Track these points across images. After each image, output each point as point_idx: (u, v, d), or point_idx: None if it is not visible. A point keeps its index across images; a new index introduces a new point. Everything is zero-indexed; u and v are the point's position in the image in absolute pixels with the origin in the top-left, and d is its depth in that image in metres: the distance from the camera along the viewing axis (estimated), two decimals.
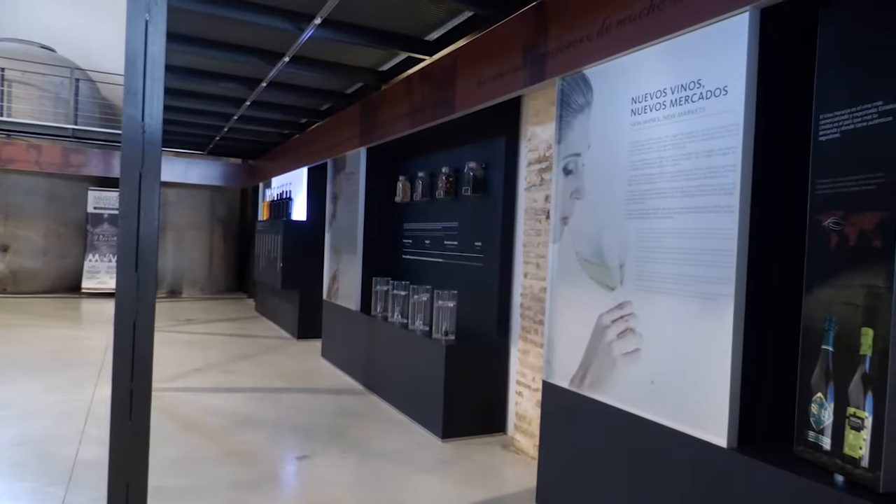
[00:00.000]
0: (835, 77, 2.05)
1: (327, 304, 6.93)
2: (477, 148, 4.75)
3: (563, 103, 3.20)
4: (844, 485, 1.90)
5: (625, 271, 2.73)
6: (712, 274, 2.30)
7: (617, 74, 2.85)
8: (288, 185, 8.96)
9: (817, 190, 2.08)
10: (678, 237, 2.47)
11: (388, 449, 4.05)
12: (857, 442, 1.88)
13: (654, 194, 2.60)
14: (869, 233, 1.87)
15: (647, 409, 2.56)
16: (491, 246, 4.51)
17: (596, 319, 2.88)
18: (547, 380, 3.20)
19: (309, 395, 5.38)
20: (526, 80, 3.51)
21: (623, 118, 2.79)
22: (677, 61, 2.53)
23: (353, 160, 6.28)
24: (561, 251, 3.16)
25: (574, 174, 3.09)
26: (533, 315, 3.98)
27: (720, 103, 2.32)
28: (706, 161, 2.37)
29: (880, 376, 1.81)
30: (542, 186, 3.95)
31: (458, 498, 3.32)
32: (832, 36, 2.07)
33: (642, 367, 2.60)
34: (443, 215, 5.27)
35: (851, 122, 1.96)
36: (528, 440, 3.97)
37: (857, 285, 1.90)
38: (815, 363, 2.04)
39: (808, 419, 2.06)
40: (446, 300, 4.49)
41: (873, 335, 1.84)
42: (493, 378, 4.38)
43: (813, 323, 2.06)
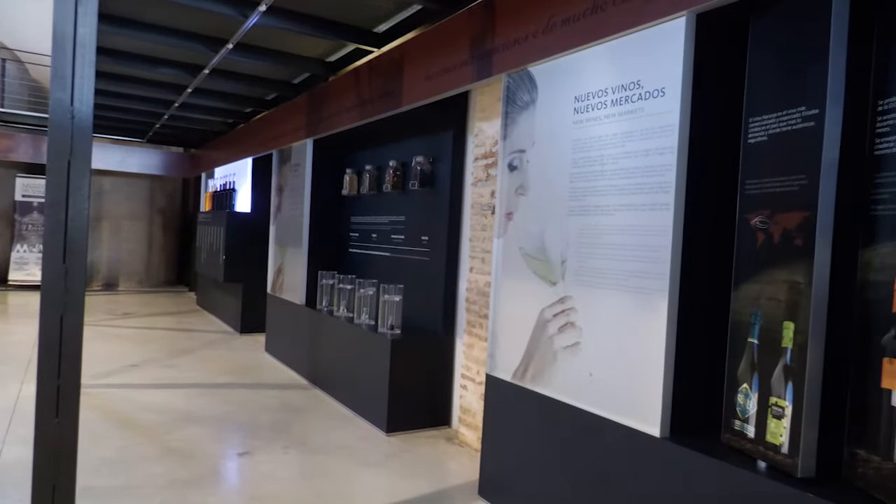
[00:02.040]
0: (763, 82, 2.14)
1: (271, 298, 6.81)
2: (425, 142, 4.75)
3: (509, 100, 3.23)
4: (766, 470, 2.00)
5: (566, 267, 2.79)
6: (648, 270, 2.38)
7: (561, 73, 2.90)
8: (231, 175, 8.73)
9: (746, 190, 2.17)
10: (617, 234, 2.54)
11: (332, 444, 4.02)
12: (778, 430, 1.98)
13: (595, 192, 2.67)
14: (792, 231, 1.97)
15: (586, 401, 2.63)
16: (437, 240, 4.53)
17: (538, 314, 2.93)
18: (490, 373, 3.24)
19: (252, 390, 5.28)
20: (473, 76, 3.53)
21: (566, 116, 2.84)
22: (618, 62, 2.59)
23: (299, 152, 6.18)
24: (505, 246, 3.20)
25: (519, 170, 3.13)
26: (478, 309, 4.02)
27: (658, 104, 2.39)
28: (644, 160, 2.44)
29: (800, 367, 1.91)
30: (489, 182, 3.98)
31: (401, 491, 3.33)
32: (762, 43, 2.17)
33: (582, 360, 2.67)
34: (390, 209, 5.25)
35: (778, 125, 2.06)
36: (472, 433, 4.01)
37: (781, 281, 2.00)
38: (742, 355, 2.14)
39: (735, 408, 2.16)
40: (392, 294, 4.48)
41: (794, 328, 1.94)
42: (439, 372, 4.41)
43: (740, 317, 2.16)
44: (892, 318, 1.73)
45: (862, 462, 1.82)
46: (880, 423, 1.75)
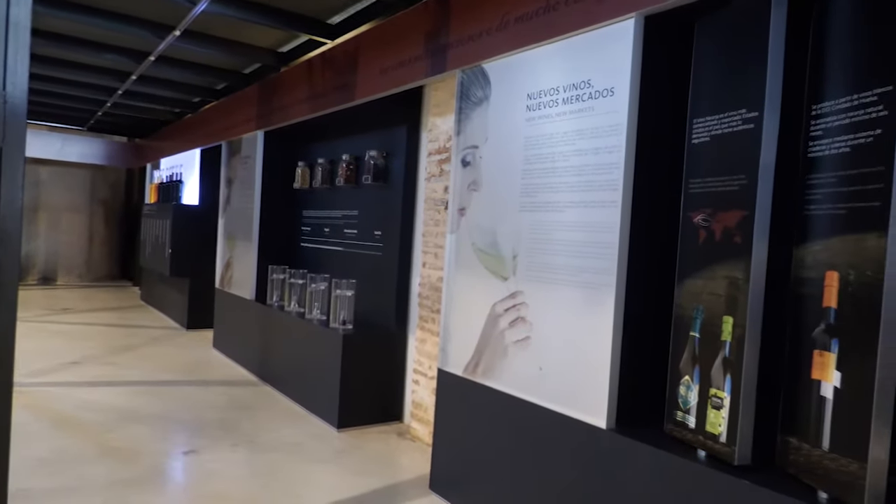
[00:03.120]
0: (707, 85, 2.22)
1: (220, 293, 6.65)
2: (378, 136, 4.72)
3: (463, 96, 3.24)
4: (706, 459, 2.08)
5: (517, 262, 2.82)
6: (596, 265, 2.43)
7: (514, 70, 2.93)
8: (178, 167, 8.48)
9: (690, 189, 2.25)
10: (567, 230, 2.59)
11: (282, 441, 3.96)
12: (717, 420, 2.06)
13: (546, 188, 2.71)
14: (732, 229, 2.05)
15: (536, 395, 2.67)
16: (391, 235, 4.51)
17: (490, 308, 2.96)
18: (442, 367, 3.26)
19: (198, 387, 5.15)
20: (427, 71, 3.53)
21: (519, 113, 2.87)
22: (570, 61, 2.63)
23: (250, 144, 6.05)
24: (458, 241, 3.22)
25: (472, 166, 3.15)
26: (431, 304, 4.03)
27: (607, 103, 2.44)
28: (594, 158, 2.49)
29: (737, 360, 2.00)
30: (442, 177, 3.99)
31: (352, 487, 3.31)
32: (706, 46, 2.24)
33: (532, 354, 2.71)
34: (343, 203, 5.20)
35: (720, 127, 2.13)
36: (424, 428, 4.02)
37: (721, 277, 2.08)
38: (685, 349, 2.22)
39: (677, 400, 2.24)
40: (344, 289, 4.44)
41: (732, 323, 2.02)
42: (391, 367, 4.40)
43: (683, 312, 2.24)
44: (822, 313, 1.82)
45: (793, 449, 1.91)
46: (810, 413, 1.84)
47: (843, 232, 1.78)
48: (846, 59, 1.83)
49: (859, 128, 1.75)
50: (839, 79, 1.84)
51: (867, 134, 1.72)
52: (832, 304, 1.79)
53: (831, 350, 1.79)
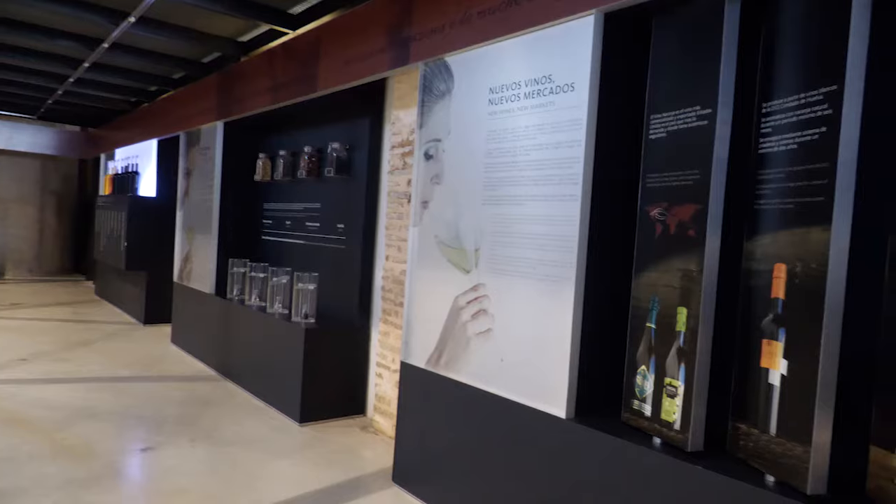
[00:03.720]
0: (663, 81, 2.27)
1: (178, 287, 6.52)
2: (341, 129, 4.68)
3: (426, 89, 3.24)
4: (661, 446, 2.14)
5: (480, 255, 2.84)
6: (557, 258, 2.47)
7: (477, 64, 2.94)
8: (134, 157, 8.25)
9: (647, 183, 2.30)
10: (528, 223, 2.62)
11: (243, 436, 3.92)
12: (671, 408, 2.12)
13: (508, 182, 2.73)
14: (686, 223, 2.11)
15: (497, 386, 2.70)
16: (353, 228, 4.49)
17: (452, 301, 2.97)
18: (405, 360, 3.27)
19: (156, 383, 5.04)
20: (390, 63, 3.51)
21: (481, 107, 2.89)
22: (531, 56, 2.66)
23: (209, 134, 5.92)
24: (421, 235, 3.22)
25: (434, 159, 3.15)
26: (394, 297, 4.03)
27: (568, 98, 2.48)
28: (555, 152, 2.52)
29: (691, 349, 2.06)
30: (405, 170, 3.99)
31: (315, 481, 3.30)
32: (662, 44, 2.29)
33: (493, 345, 2.74)
34: (305, 196, 5.15)
35: (675, 123, 2.19)
36: (387, 421, 4.03)
37: (676, 269, 2.14)
38: (641, 339, 2.27)
39: (634, 389, 2.29)
40: (307, 283, 4.41)
41: (687, 313, 2.08)
42: (354, 360, 4.38)
43: (640, 303, 2.29)
44: (770, 304, 1.89)
45: (743, 435, 1.98)
46: (759, 400, 1.92)
47: (790, 226, 1.85)
48: (794, 59, 1.89)
49: (806, 125, 1.82)
50: (788, 78, 1.91)
51: (813, 131, 1.79)
52: (780, 295, 1.86)
53: (779, 339, 1.86)
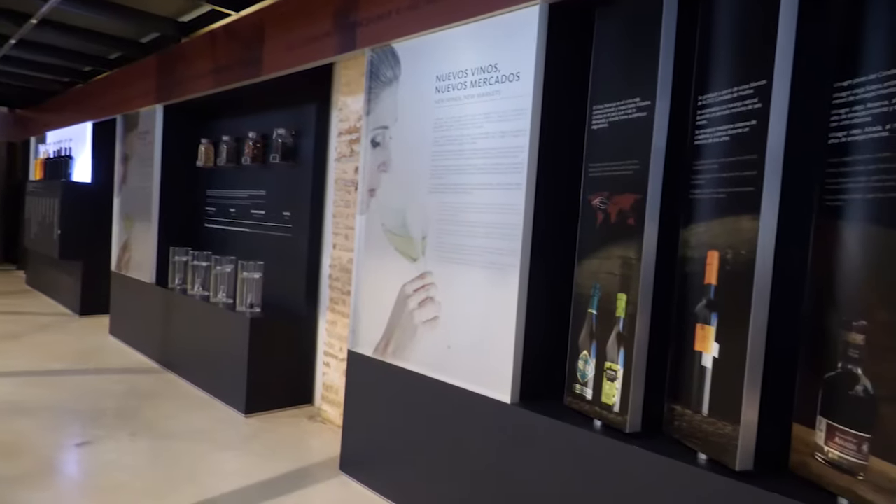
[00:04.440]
0: (605, 73, 2.32)
1: (117, 276, 6.28)
2: (287, 114, 4.59)
3: (373, 75, 3.21)
4: (601, 428, 2.21)
5: (427, 243, 2.85)
6: (502, 246, 2.50)
7: (424, 51, 2.93)
8: (68, 141, 7.86)
9: (589, 173, 2.35)
10: (475, 211, 2.64)
11: (186, 428, 3.83)
12: (611, 391, 2.19)
13: (454, 170, 2.74)
14: (626, 212, 2.17)
15: (444, 373, 2.73)
16: (300, 216, 4.42)
17: (399, 289, 2.97)
18: (352, 349, 3.25)
19: (94, 376, 4.86)
20: (336, 48, 3.46)
21: (428, 94, 2.88)
22: (478, 45, 2.66)
23: (148, 118, 5.71)
24: (368, 223, 3.20)
25: (382, 147, 3.13)
26: (341, 286, 4.00)
27: (513, 88, 2.50)
28: (500, 141, 2.54)
29: (630, 334, 2.12)
30: (353, 157, 3.95)
31: (261, 471, 3.26)
32: (604, 36, 2.33)
33: (440, 333, 2.76)
34: (249, 183, 5.03)
35: (616, 114, 2.24)
36: (334, 410, 4.01)
37: (616, 257, 2.19)
38: (583, 325, 2.33)
39: (576, 374, 2.35)
40: (252, 271, 4.32)
41: (626, 300, 2.15)
42: (301, 350, 4.34)
43: (582, 290, 2.35)
44: (704, 290, 1.97)
45: (678, 416, 2.06)
46: (692, 382, 2.00)
47: (722, 215, 1.92)
48: (728, 54, 1.96)
49: (737, 118, 1.89)
50: (722, 72, 1.98)
51: (744, 124, 1.86)
52: (712, 281, 1.94)
53: (711, 324, 1.94)
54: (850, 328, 1.65)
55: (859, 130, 1.66)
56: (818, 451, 1.73)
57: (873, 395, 1.58)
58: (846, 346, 1.66)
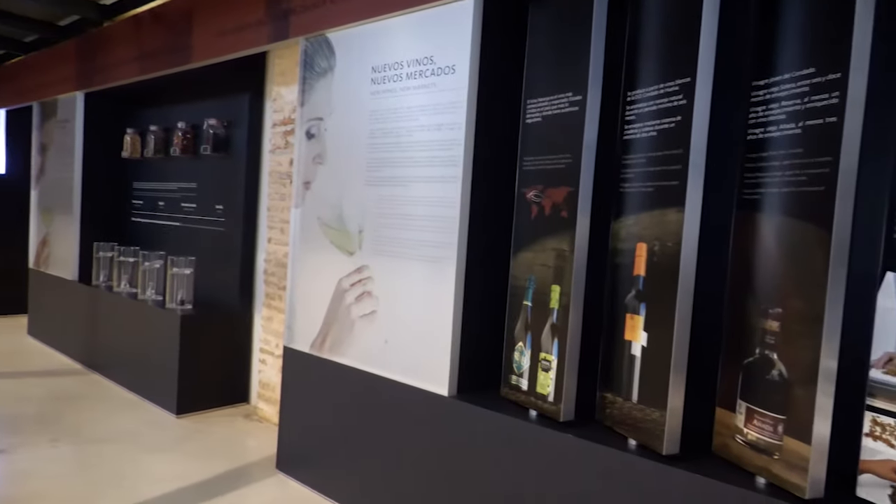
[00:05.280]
0: (539, 67, 2.34)
1: (35, 274, 5.93)
2: (218, 104, 4.43)
3: (307, 65, 3.14)
4: (536, 417, 2.24)
5: (363, 237, 2.82)
6: (438, 239, 2.50)
7: (359, 42, 2.88)
8: None
9: (524, 166, 2.37)
10: (411, 205, 2.62)
11: (114, 432, 3.66)
12: (545, 381, 2.23)
13: (390, 163, 2.71)
14: (560, 205, 2.20)
15: (382, 367, 2.71)
16: (233, 210, 4.29)
17: (336, 284, 2.93)
18: (288, 345, 3.19)
19: (10, 379, 4.58)
20: (269, 37, 3.36)
21: (364, 86, 2.84)
22: (413, 36, 2.64)
23: (68, 106, 5.40)
24: (303, 216, 3.14)
25: (317, 139, 3.07)
26: (277, 281, 3.91)
27: (449, 81, 2.49)
28: (436, 134, 2.54)
29: (563, 325, 2.16)
30: (288, 149, 3.85)
31: (193, 473, 3.15)
32: (538, 30, 2.36)
33: (378, 327, 2.73)
34: (179, 175, 4.84)
35: (550, 108, 2.27)
36: (271, 408, 3.92)
37: (550, 249, 2.23)
38: (519, 317, 2.36)
39: (512, 365, 2.38)
40: (182, 267, 4.16)
41: (560, 291, 2.19)
42: (236, 347, 4.22)
43: (518, 282, 2.38)
44: (633, 281, 2.03)
45: (609, 403, 2.12)
46: (623, 370, 2.06)
47: (650, 208, 1.98)
48: (655, 51, 2.02)
49: (664, 114, 1.95)
50: (649, 69, 2.03)
51: (670, 120, 1.92)
52: (641, 272, 2.00)
53: (640, 313, 2.00)
54: (767, 316, 1.73)
55: (775, 127, 1.75)
56: (738, 433, 1.81)
57: (787, 379, 1.67)
58: (763, 332, 1.74)
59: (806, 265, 1.63)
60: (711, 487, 1.74)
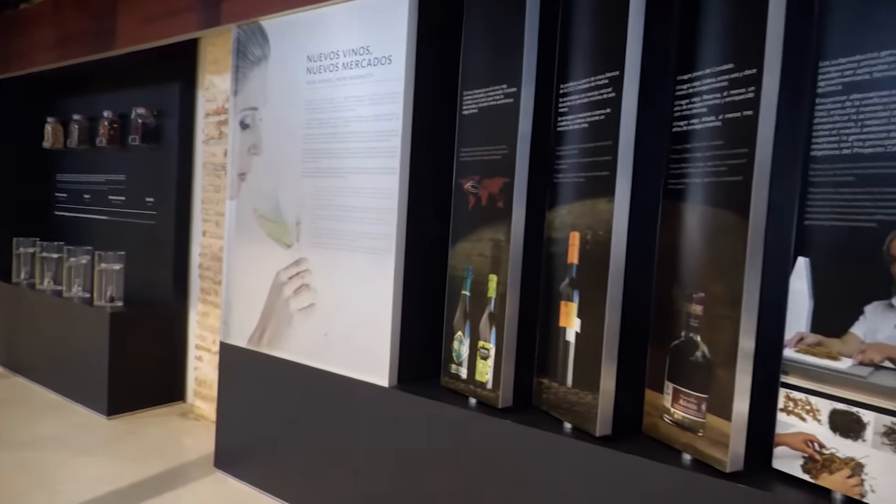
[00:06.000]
0: (475, 58, 2.36)
1: None
2: (148, 92, 4.26)
3: (240, 53, 3.06)
4: (476, 405, 2.28)
5: (301, 229, 2.78)
6: (377, 231, 2.49)
7: (294, 30, 2.83)
8: None
9: (461, 157, 2.39)
10: (349, 196, 2.60)
11: (39, 436, 3.49)
12: (484, 369, 2.26)
13: (328, 154, 2.68)
14: (496, 195, 2.24)
15: (322, 361, 2.69)
16: (165, 202, 4.14)
17: (274, 277, 2.88)
18: (224, 341, 3.11)
19: None
20: (199, 23, 3.26)
21: (299, 75, 2.79)
22: (349, 25, 2.62)
23: None
24: (239, 208, 3.06)
25: (252, 129, 3.00)
26: (213, 275, 3.81)
27: (385, 71, 2.48)
28: (374, 125, 2.52)
29: (500, 314, 2.20)
30: (222, 140, 3.75)
31: (126, 475, 3.04)
32: (473, 22, 2.38)
33: (317, 320, 2.71)
34: (106, 166, 4.63)
35: (486, 99, 2.29)
36: (209, 405, 3.83)
37: (487, 239, 2.26)
38: (458, 306, 2.39)
39: (452, 354, 2.41)
40: (111, 262, 4.00)
41: (497, 280, 2.22)
42: (170, 344, 4.09)
43: (456, 272, 2.40)
44: (567, 269, 2.08)
45: (546, 389, 2.18)
46: (558, 356, 2.11)
47: (582, 197, 2.04)
48: (585, 44, 2.07)
49: (594, 106, 2.00)
50: (581, 62, 2.08)
51: (600, 112, 1.98)
52: (574, 260, 2.06)
53: (574, 300, 2.06)
54: (691, 300, 1.82)
55: (697, 120, 1.82)
56: (666, 413, 1.89)
57: (710, 360, 1.75)
58: (688, 316, 1.83)
59: (726, 251, 1.72)
60: (640, 465, 1.82)
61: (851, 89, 1.56)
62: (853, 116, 1.56)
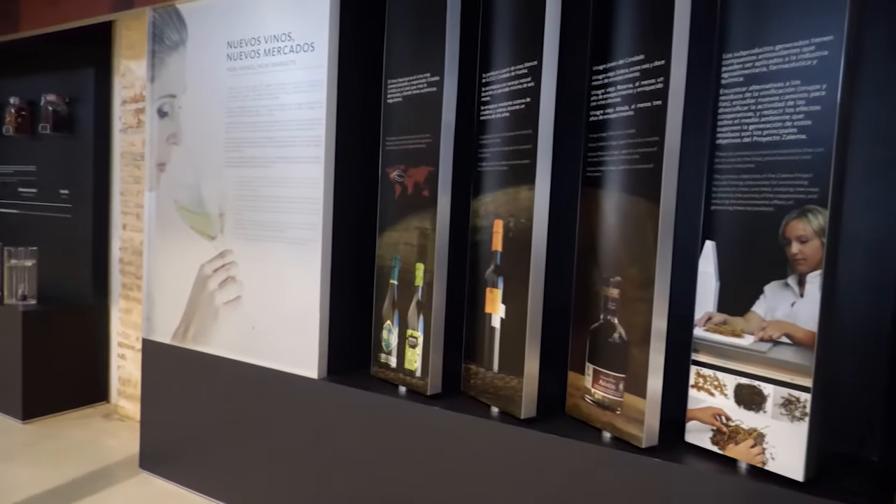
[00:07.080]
0: (398, 47, 2.35)
1: None
2: (59, 78, 4.02)
3: (157, 38, 2.93)
4: (406, 393, 2.29)
5: (225, 220, 2.70)
6: (303, 221, 2.46)
7: (213, 14, 2.73)
8: None
9: (386, 146, 2.38)
10: (274, 186, 2.55)
11: None
12: (413, 357, 2.28)
13: (251, 143, 2.62)
14: (421, 184, 2.24)
15: (249, 354, 2.63)
16: (81, 194, 3.93)
17: (198, 270, 2.80)
18: (147, 337, 3.00)
19: None
20: (110, 6, 3.10)
21: (220, 62, 2.71)
22: (270, 11, 2.55)
23: None
24: (159, 200, 2.95)
25: (170, 117, 2.89)
26: (135, 270, 3.66)
27: (308, 58, 2.43)
28: (297, 113, 2.48)
29: (428, 302, 2.22)
30: (141, 129, 3.59)
31: (44, 481, 2.90)
32: (397, 10, 2.36)
33: (244, 313, 2.65)
34: (14, 157, 4.35)
35: (410, 88, 2.29)
36: (133, 405, 3.69)
37: (414, 228, 2.27)
38: (386, 295, 2.39)
39: (381, 344, 2.41)
40: (22, 258, 3.78)
41: (423, 269, 2.23)
42: (91, 343, 3.91)
43: (384, 262, 2.40)
44: (492, 256, 2.12)
45: (473, 374, 2.21)
46: (484, 342, 2.15)
47: (505, 186, 2.07)
48: (506, 34, 2.09)
49: (515, 96, 2.03)
50: (502, 51, 2.10)
51: (520, 101, 2.01)
52: (498, 248, 2.09)
53: (498, 287, 2.09)
54: (609, 284, 1.88)
55: (612, 109, 1.88)
56: (587, 393, 1.96)
57: (626, 341, 1.82)
58: (606, 300, 1.89)
59: (639, 236, 1.79)
60: (563, 444, 1.88)
61: (751, 81, 1.65)
62: (752, 107, 1.65)
